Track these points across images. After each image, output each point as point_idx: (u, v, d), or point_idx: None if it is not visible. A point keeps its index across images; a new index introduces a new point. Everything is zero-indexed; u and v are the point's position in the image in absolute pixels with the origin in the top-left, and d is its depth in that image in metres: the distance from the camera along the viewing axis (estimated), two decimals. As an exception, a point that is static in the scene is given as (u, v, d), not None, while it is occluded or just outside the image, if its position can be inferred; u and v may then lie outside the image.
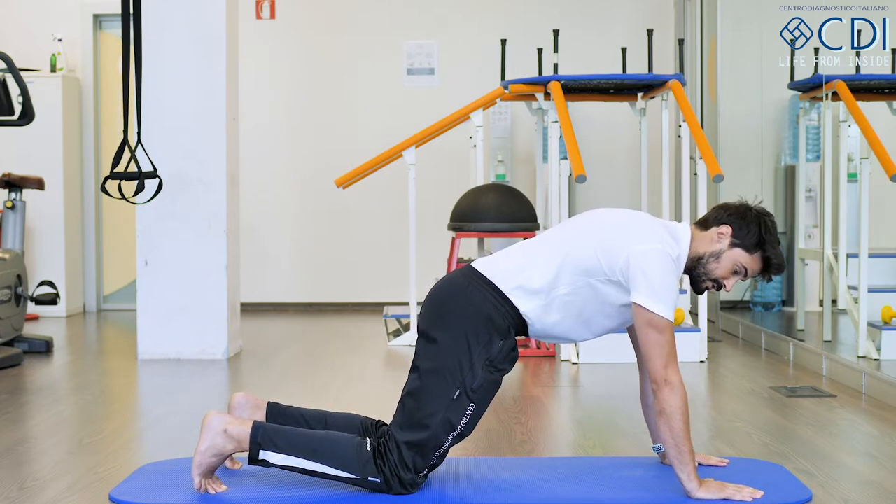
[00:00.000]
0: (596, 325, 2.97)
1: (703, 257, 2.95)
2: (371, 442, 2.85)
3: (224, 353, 5.64)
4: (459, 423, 2.85)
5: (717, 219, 2.97)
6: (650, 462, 3.27)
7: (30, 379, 5.09)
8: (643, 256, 2.82)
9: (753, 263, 2.95)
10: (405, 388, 2.93)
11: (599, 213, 3.02)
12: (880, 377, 4.52)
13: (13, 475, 3.23)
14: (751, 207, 2.98)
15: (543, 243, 2.97)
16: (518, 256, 2.96)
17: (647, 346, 2.82)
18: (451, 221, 5.90)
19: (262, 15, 8.14)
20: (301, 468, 2.84)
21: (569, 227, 3.00)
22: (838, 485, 3.12)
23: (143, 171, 4.70)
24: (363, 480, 2.84)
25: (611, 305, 2.91)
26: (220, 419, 2.83)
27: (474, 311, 2.87)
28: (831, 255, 5.54)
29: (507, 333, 2.89)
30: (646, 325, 2.81)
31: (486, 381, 2.86)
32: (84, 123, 8.03)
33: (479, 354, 2.85)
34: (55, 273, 7.54)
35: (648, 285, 2.80)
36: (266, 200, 8.15)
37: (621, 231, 2.89)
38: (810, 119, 6.38)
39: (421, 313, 2.99)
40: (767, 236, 2.93)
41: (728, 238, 2.94)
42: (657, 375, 2.80)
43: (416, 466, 2.85)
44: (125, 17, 4.55)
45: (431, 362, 2.87)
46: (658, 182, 6.52)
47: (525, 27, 7.91)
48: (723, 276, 2.96)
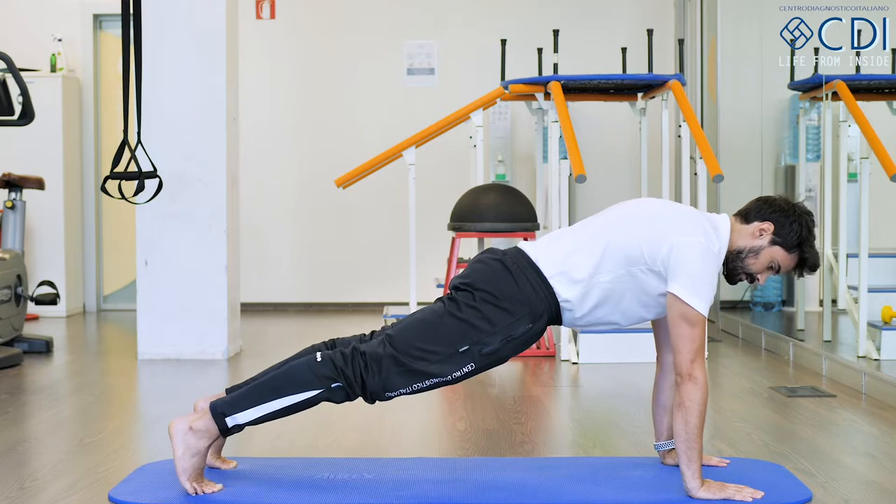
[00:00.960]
0: (632, 313, 2.98)
1: (742, 251, 2.96)
2: (323, 353, 2.87)
3: (224, 353, 5.64)
4: (452, 373, 2.87)
5: (760, 213, 2.98)
6: (650, 462, 3.27)
7: (30, 379, 5.09)
8: (686, 248, 2.83)
9: (790, 261, 2.98)
10: (416, 312, 2.95)
11: (644, 203, 3.03)
12: (880, 377, 4.52)
13: (13, 475, 3.23)
14: (794, 205, 2.99)
15: (587, 230, 2.98)
16: (563, 242, 2.97)
17: (678, 338, 2.82)
18: (451, 221, 5.90)
19: (262, 15, 8.14)
20: (271, 412, 2.84)
21: (613, 214, 3.01)
22: (838, 485, 3.12)
23: (143, 171, 4.70)
24: (328, 392, 2.84)
25: (649, 295, 2.92)
26: (182, 421, 2.85)
27: (517, 288, 2.89)
28: (831, 255, 5.54)
29: (538, 318, 2.91)
30: (678, 317, 2.82)
31: (496, 352, 2.88)
32: (84, 123, 8.03)
33: (504, 328, 2.87)
34: (55, 273, 7.54)
35: (688, 277, 2.81)
36: (266, 200, 8.15)
37: (665, 222, 2.90)
38: (810, 119, 6.38)
39: (464, 273, 3.00)
40: (808, 236, 2.96)
41: (769, 235, 2.95)
42: (683, 369, 2.81)
43: (390, 384, 2.85)
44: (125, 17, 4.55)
45: (458, 311, 2.88)
46: (658, 182, 6.52)
47: (525, 27, 7.91)
48: (758, 271, 2.98)
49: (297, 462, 3.25)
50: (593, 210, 8.01)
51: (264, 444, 3.58)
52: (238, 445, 3.53)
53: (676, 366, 2.83)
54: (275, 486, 2.94)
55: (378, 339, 2.90)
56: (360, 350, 2.86)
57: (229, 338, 5.68)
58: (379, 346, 2.86)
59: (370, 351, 2.86)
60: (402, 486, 2.97)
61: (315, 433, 3.77)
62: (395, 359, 2.84)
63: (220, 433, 2.85)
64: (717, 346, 6.15)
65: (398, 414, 4.13)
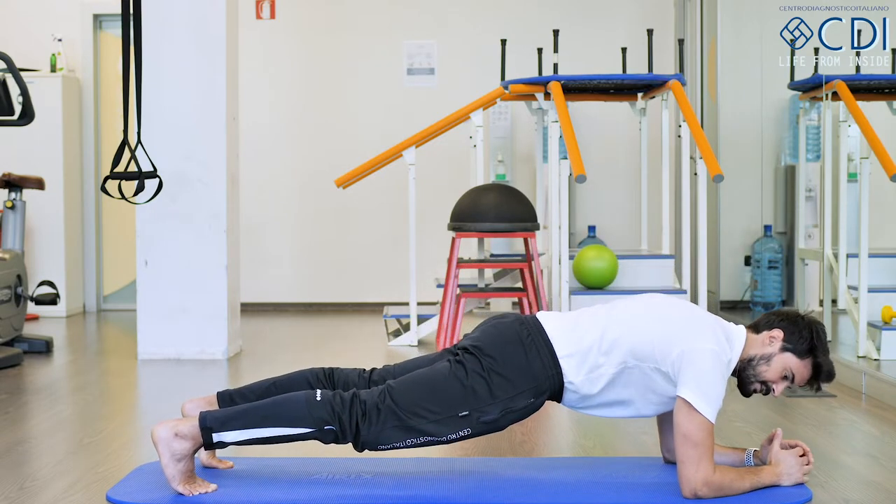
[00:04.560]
0: (632, 408, 2.97)
1: (753, 359, 2.97)
2: (323, 393, 2.85)
3: (224, 353, 5.64)
4: (447, 435, 2.87)
5: (769, 323, 3.01)
6: (650, 462, 3.27)
7: (30, 379, 5.09)
8: (697, 354, 2.82)
9: (803, 369, 2.97)
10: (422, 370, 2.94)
11: (665, 301, 3.03)
12: (880, 377, 4.52)
13: (13, 475, 3.23)
14: (802, 315, 3.02)
15: (606, 317, 2.97)
16: (581, 325, 2.96)
17: (683, 446, 2.79)
18: (451, 221, 5.90)
19: (262, 15, 8.14)
20: (257, 438, 2.83)
21: (635, 305, 3.01)
22: (838, 485, 3.12)
23: (143, 171, 4.70)
24: (320, 432, 2.83)
25: (654, 393, 2.92)
26: (167, 427, 2.82)
27: (526, 363, 2.89)
28: (831, 255, 5.54)
29: (540, 395, 2.91)
30: (686, 422, 2.79)
31: (494, 422, 2.88)
32: (84, 123, 8.03)
33: (505, 400, 2.87)
34: (55, 273, 7.54)
35: (697, 383, 2.80)
36: (266, 200, 8.15)
37: (680, 325, 2.89)
38: (810, 119, 6.38)
39: (474, 334, 3.00)
40: (819, 343, 2.97)
41: (780, 342, 2.96)
42: (686, 488, 2.79)
43: (384, 437, 2.84)
44: (125, 17, 4.55)
45: (465, 377, 2.87)
46: (658, 182, 6.52)
47: (525, 27, 7.91)
48: (772, 380, 2.97)
49: (294, 462, 3.24)
50: (593, 210, 8.06)
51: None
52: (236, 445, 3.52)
53: (680, 478, 2.80)
54: (273, 487, 2.94)
55: (379, 389, 2.88)
56: (361, 399, 2.84)
57: (229, 338, 5.68)
58: (379, 398, 2.84)
59: (370, 401, 2.84)
60: (401, 486, 2.96)
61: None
62: (393, 413, 2.83)
63: (203, 441, 2.83)
64: (717, 346, 6.14)
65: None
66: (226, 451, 3.30)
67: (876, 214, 5.56)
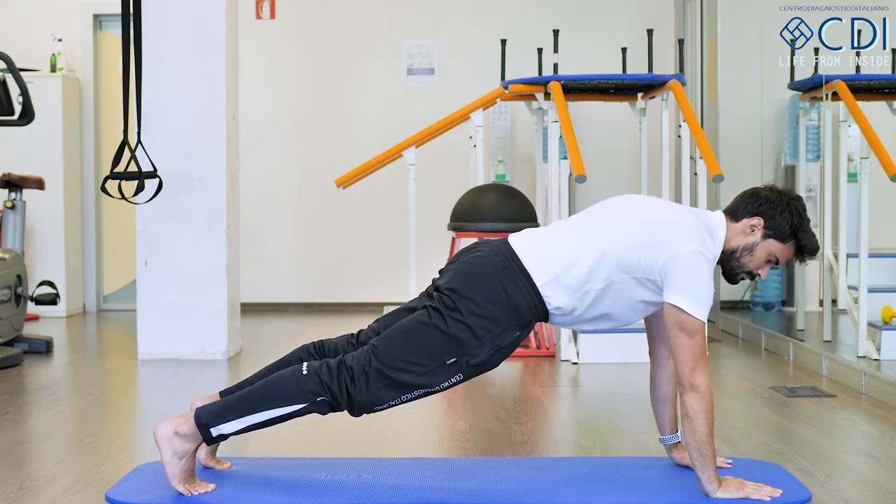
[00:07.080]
0: (620, 317, 2.95)
1: (736, 251, 2.94)
2: (309, 365, 2.82)
3: (224, 353, 5.64)
4: (440, 384, 2.84)
5: (748, 209, 2.95)
6: (650, 462, 3.27)
7: (30, 379, 5.09)
8: (682, 258, 2.80)
9: (786, 251, 2.94)
10: (401, 322, 2.89)
11: (640, 205, 2.98)
12: (880, 377, 4.52)
13: (13, 475, 3.23)
14: (780, 193, 2.95)
15: (582, 231, 2.92)
16: (555, 245, 2.90)
17: (678, 348, 2.79)
18: (451, 221, 5.90)
19: (262, 15, 8.14)
20: (255, 423, 2.82)
21: (609, 216, 2.96)
22: (838, 485, 3.12)
23: (143, 171, 4.70)
24: (314, 405, 2.80)
25: (641, 301, 2.90)
26: (167, 425, 2.83)
27: (505, 298, 2.83)
28: (831, 255, 5.54)
29: (526, 326, 2.87)
30: (677, 327, 2.79)
31: (485, 362, 2.85)
32: (84, 123, 8.03)
33: (491, 339, 2.83)
34: (55, 273, 7.54)
35: (686, 287, 2.78)
36: (266, 200, 8.14)
37: (663, 230, 2.85)
38: (810, 119, 6.38)
39: (448, 273, 2.93)
40: (800, 223, 2.92)
41: (760, 230, 2.92)
42: (684, 379, 2.79)
43: (378, 398, 2.81)
44: (125, 17, 4.55)
45: (444, 325, 2.82)
46: (658, 182, 6.52)
47: (525, 27, 7.91)
48: (756, 267, 2.95)
49: (293, 462, 3.24)
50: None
51: (260, 445, 3.57)
52: (234, 446, 3.53)
53: (678, 376, 2.81)
54: (271, 487, 2.94)
55: (363, 351, 2.84)
56: (347, 364, 2.81)
57: (229, 338, 5.68)
58: (364, 360, 2.81)
59: (356, 366, 2.80)
60: (401, 487, 2.96)
61: (312, 433, 3.77)
62: (380, 373, 2.80)
63: (203, 438, 2.83)
64: (717, 346, 6.15)
65: (397, 413, 4.11)
66: (226, 451, 3.30)
67: (876, 214, 5.55)
